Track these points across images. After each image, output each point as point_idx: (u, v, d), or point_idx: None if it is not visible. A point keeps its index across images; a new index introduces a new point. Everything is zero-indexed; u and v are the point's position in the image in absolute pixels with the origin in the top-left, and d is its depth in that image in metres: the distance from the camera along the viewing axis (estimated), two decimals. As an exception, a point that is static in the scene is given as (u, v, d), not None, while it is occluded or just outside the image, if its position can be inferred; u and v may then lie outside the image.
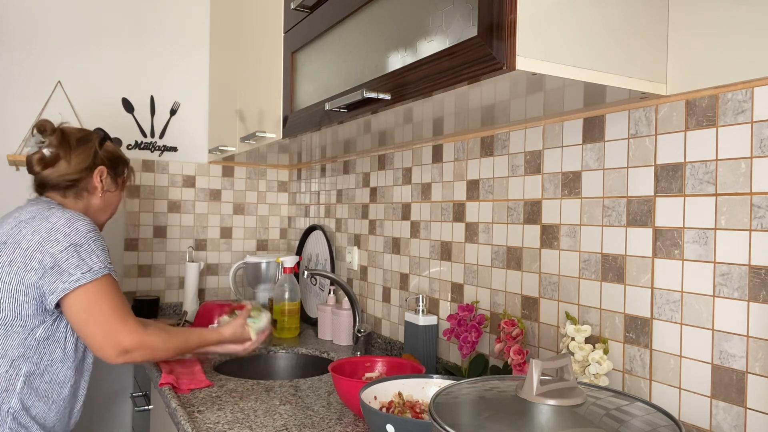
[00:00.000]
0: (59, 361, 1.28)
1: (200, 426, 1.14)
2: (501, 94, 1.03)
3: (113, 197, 1.49)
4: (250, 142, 1.77)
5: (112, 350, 1.24)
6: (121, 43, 2.30)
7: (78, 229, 1.25)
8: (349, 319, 1.87)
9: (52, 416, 1.29)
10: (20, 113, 2.15)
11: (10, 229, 1.26)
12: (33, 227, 1.24)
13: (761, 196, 0.87)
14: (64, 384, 1.30)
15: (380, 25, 1.14)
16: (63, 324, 1.28)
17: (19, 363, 1.23)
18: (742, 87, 0.90)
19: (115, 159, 1.49)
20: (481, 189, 1.43)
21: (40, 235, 1.23)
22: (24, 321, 1.23)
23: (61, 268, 1.21)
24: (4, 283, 1.22)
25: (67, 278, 1.21)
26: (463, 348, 1.34)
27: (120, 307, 1.27)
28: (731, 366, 0.90)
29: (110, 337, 1.24)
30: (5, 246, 1.24)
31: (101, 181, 1.43)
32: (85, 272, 1.22)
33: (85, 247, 1.24)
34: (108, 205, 1.48)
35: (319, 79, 1.41)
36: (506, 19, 0.83)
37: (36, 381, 1.25)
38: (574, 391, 0.70)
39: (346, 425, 1.16)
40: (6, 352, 1.22)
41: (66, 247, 1.22)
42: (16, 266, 1.22)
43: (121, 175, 1.52)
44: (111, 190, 1.48)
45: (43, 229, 1.23)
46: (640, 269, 1.04)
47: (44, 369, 1.26)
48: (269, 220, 2.61)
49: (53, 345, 1.27)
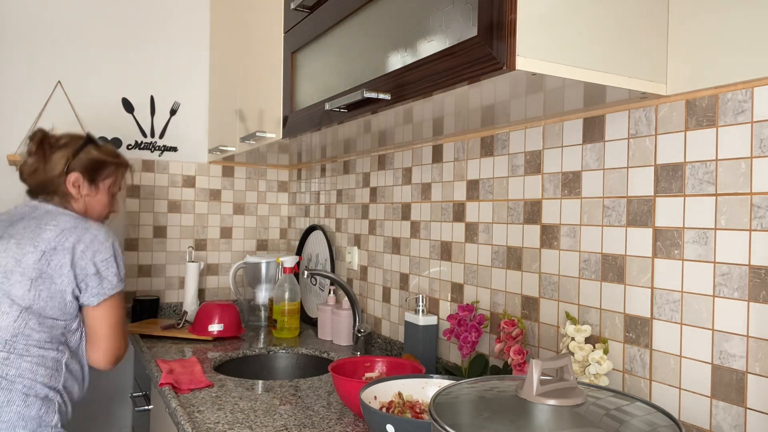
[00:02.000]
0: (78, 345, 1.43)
1: (200, 426, 1.14)
2: (501, 94, 1.03)
3: (94, 201, 1.54)
4: (250, 142, 1.77)
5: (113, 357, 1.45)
6: (121, 43, 2.30)
7: (113, 243, 1.43)
8: (349, 319, 1.87)
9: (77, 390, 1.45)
10: (20, 113, 2.15)
11: (54, 236, 1.37)
12: (77, 236, 1.38)
13: (761, 196, 0.87)
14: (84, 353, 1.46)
15: (380, 25, 1.14)
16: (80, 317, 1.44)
17: (63, 347, 1.39)
18: (742, 87, 0.90)
19: (93, 164, 1.52)
20: (481, 189, 1.43)
21: (84, 244, 1.38)
22: (66, 316, 1.38)
23: (102, 275, 1.39)
24: (55, 284, 1.35)
25: (107, 285, 1.40)
26: (463, 348, 1.34)
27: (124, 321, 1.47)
28: (731, 366, 0.90)
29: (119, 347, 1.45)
30: (55, 252, 1.36)
31: (74, 187, 1.49)
32: (119, 282, 1.43)
33: (117, 259, 1.43)
34: (91, 210, 1.54)
35: (319, 79, 1.41)
36: (506, 19, 0.83)
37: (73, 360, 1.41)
38: (574, 391, 0.70)
39: (346, 425, 1.16)
40: (52, 339, 1.36)
41: (107, 257, 1.40)
42: (66, 270, 1.36)
43: (104, 179, 1.55)
44: (92, 195, 1.53)
45: (87, 239, 1.39)
46: (640, 269, 1.04)
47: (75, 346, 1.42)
48: (269, 220, 2.61)
49: (78, 332, 1.43)
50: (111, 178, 1.57)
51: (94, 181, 1.53)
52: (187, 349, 1.76)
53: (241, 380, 1.45)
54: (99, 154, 1.54)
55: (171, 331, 1.95)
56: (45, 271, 1.34)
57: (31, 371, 1.32)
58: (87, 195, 1.52)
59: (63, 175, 1.48)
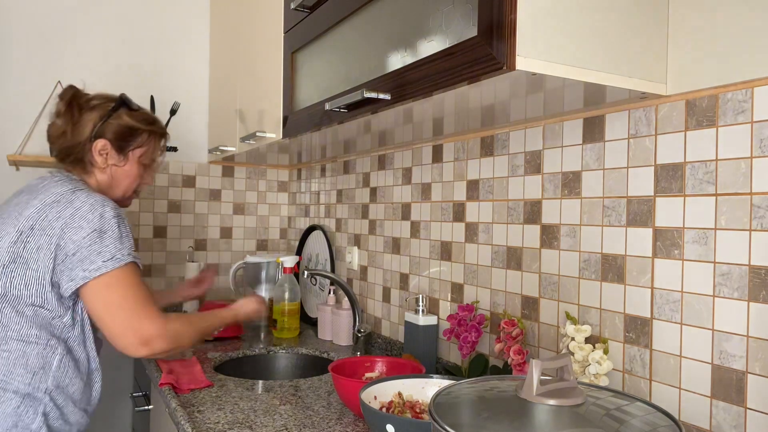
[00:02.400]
0: (82, 342, 1.27)
1: (200, 426, 1.14)
2: (501, 94, 1.03)
3: (122, 173, 1.38)
4: (250, 142, 1.77)
5: (132, 339, 1.19)
6: (121, 42, 2.30)
7: (102, 214, 1.21)
8: (349, 319, 1.87)
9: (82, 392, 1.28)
10: (20, 113, 2.15)
11: (34, 213, 1.21)
12: (57, 212, 1.20)
13: (761, 196, 0.87)
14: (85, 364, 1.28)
15: (380, 25, 1.14)
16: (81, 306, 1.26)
17: (55, 343, 1.22)
18: (742, 87, 0.90)
19: (123, 130, 1.37)
20: (481, 189, 1.43)
21: (63, 220, 1.19)
22: (51, 307, 1.21)
23: (82, 255, 1.18)
24: (33, 271, 1.19)
25: (89, 266, 1.17)
26: (463, 348, 1.34)
27: (142, 296, 1.22)
28: (731, 366, 0.90)
29: (132, 326, 1.19)
30: (32, 232, 1.19)
31: (100, 155, 1.34)
32: (107, 260, 1.18)
33: (108, 234, 1.20)
34: (117, 182, 1.38)
35: (319, 79, 1.41)
36: (506, 18, 0.83)
37: (70, 360, 1.24)
38: (574, 391, 0.70)
39: (346, 425, 1.16)
40: (39, 332, 1.20)
41: (88, 234, 1.18)
42: (42, 253, 1.18)
43: (134, 148, 1.39)
44: (119, 165, 1.37)
45: (67, 214, 1.19)
46: (640, 269, 1.04)
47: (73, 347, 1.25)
48: (269, 220, 2.61)
49: (77, 328, 1.25)
50: (143, 147, 1.40)
51: (123, 150, 1.37)
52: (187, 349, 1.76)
53: (241, 380, 1.45)
54: (131, 120, 1.38)
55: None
56: (20, 254, 1.19)
57: (6, 366, 1.17)
58: (114, 165, 1.36)
59: (89, 141, 1.33)
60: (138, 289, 1.22)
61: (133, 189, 1.43)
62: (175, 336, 1.24)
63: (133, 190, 1.43)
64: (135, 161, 1.39)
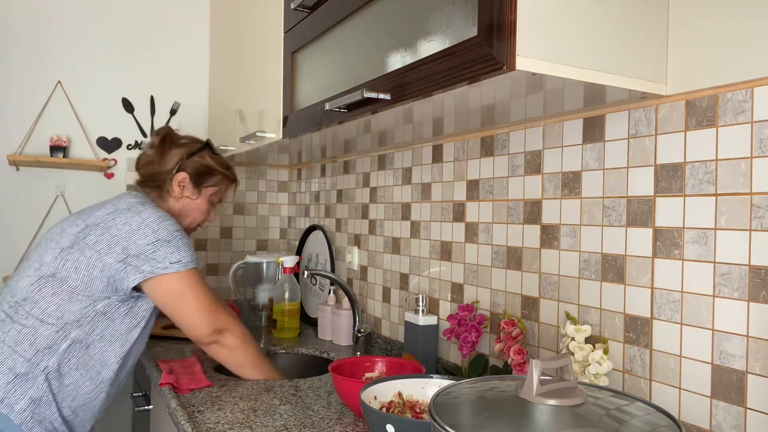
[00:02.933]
0: (108, 339, 1.34)
1: (200, 426, 1.14)
2: (501, 94, 1.03)
3: (193, 205, 1.54)
4: (250, 142, 1.77)
5: (207, 328, 1.36)
6: (121, 43, 2.30)
7: (167, 227, 1.35)
8: (349, 319, 1.87)
9: (84, 392, 1.33)
10: (20, 113, 2.15)
11: (105, 214, 1.35)
12: (126, 218, 1.34)
13: (761, 196, 0.87)
14: (107, 365, 1.36)
15: (380, 25, 1.14)
16: (125, 307, 1.35)
17: (71, 328, 1.30)
18: (742, 87, 0.90)
19: (203, 168, 1.54)
20: (481, 189, 1.43)
21: (130, 226, 1.33)
22: (91, 292, 1.31)
23: (148, 255, 1.31)
24: (85, 257, 1.30)
25: (156, 264, 1.31)
26: (463, 348, 1.34)
27: (212, 296, 1.39)
28: (731, 366, 0.90)
29: (206, 317, 1.36)
30: (96, 228, 1.33)
31: (179, 186, 1.51)
32: (173, 262, 1.33)
33: (173, 242, 1.35)
34: (187, 212, 1.54)
35: (319, 79, 1.41)
36: (506, 19, 0.83)
37: (81, 351, 1.31)
38: (574, 391, 0.70)
39: (346, 425, 1.16)
40: (63, 315, 1.29)
41: (153, 241, 1.33)
42: (99, 246, 1.31)
43: (207, 186, 1.56)
44: (192, 198, 1.53)
45: (135, 222, 1.33)
46: (640, 269, 1.04)
47: (91, 342, 1.32)
48: (269, 220, 2.61)
49: (107, 321, 1.34)
50: (215, 187, 1.57)
51: (198, 186, 1.54)
52: (187, 349, 1.76)
53: (241, 380, 1.45)
54: (211, 162, 1.55)
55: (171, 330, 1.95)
56: (79, 242, 1.31)
57: (14, 340, 1.26)
58: (188, 197, 1.53)
59: (172, 172, 1.50)
60: (208, 290, 1.40)
61: (198, 222, 1.59)
62: (244, 338, 1.42)
63: (197, 223, 1.59)
64: (206, 198, 1.57)
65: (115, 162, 2.28)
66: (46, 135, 2.17)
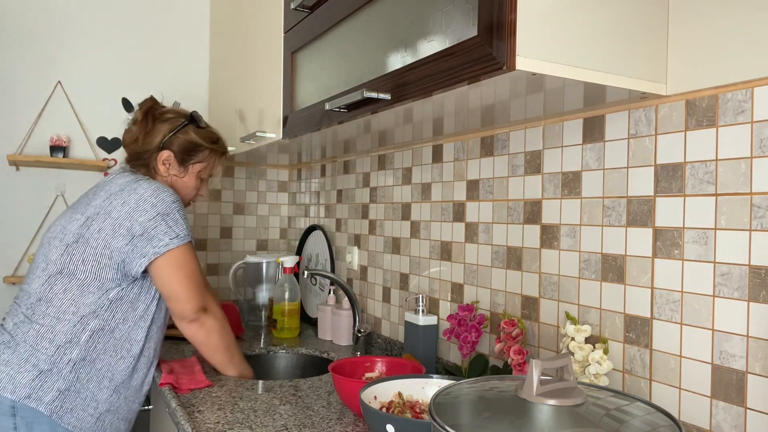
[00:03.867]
0: (130, 320, 1.36)
1: (200, 426, 1.14)
2: (501, 94, 1.03)
3: (181, 183, 1.51)
4: (250, 142, 1.77)
5: (195, 303, 1.37)
6: (121, 43, 2.30)
7: (164, 199, 1.35)
8: (349, 319, 1.87)
9: (122, 369, 1.36)
10: (20, 113, 2.15)
11: (101, 202, 1.35)
12: (123, 199, 1.34)
13: (761, 196, 0.87)
14: (135, 342, 1.37)
15: (380, 25, 1.14)
16: (137, 287, 1.37)
17: (88, 319, 1.31)
18: (742, 87, 0.90)
19: (188, 145, 1.49)
20: (481, 189, 1.43)
21: (129, 206, 1.32)
22: (101, 282, 1.32)
23: (150, 234, 1.32)
24: (91, 248, 1.31)
25: (157, 243, 1.32)
26: (463, 348, 1.34)
27: (200, 273, 1.41)
28: (731, 366, 0.90)
29: (195, 294, 1.37)
30: (97, 217, 1.33)
31: (164, 165, 1.47)
32: (173, 238, 1.34)
33: (171, 216, 1.35)
34: (176, 190, 1.50)
35: (319, 79, 1.41)
36: (506, 18, 0.83)
37: (105, 336, 1.33)
38: (574, 391, 0.70)
39: (346, 425, 1.16)
40: (78, 309, 1.30)
41: (153, 216, 1.33)
42: (104, 233, 1.31)
43: (195, 163, 1.51)
44: (179, 176, 1.50)
45: (132, 201, 1.33)
46: (640, 269, 1.04)
47: (114, 326, 1.34)
48: (269, 220, 2.61)
49: (125, 305, 1.35)
50: (203, 163, 1.53)
51: (184, 163, 1.50)
52: (187, 349, 1.76)
53: (241, 380, 1.45)
54: (196, 137, 1.50)
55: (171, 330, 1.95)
56: (83, 235, 1.32)
57: (35, 339, 1.28)
58: (174, 175, 1.49)
59: (157, 150, 1.47)
60: (198, 266, 1.41)
61: (190, 198, 1.56)
62: (224, 323, 1.45)
63: (189, 199, 1.56)
64: (194, 174, 1.53)
65: (115, 162, 2.28)
66: (46, 135, 2.17)
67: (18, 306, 1.36)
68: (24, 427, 1.24)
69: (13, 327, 1.32)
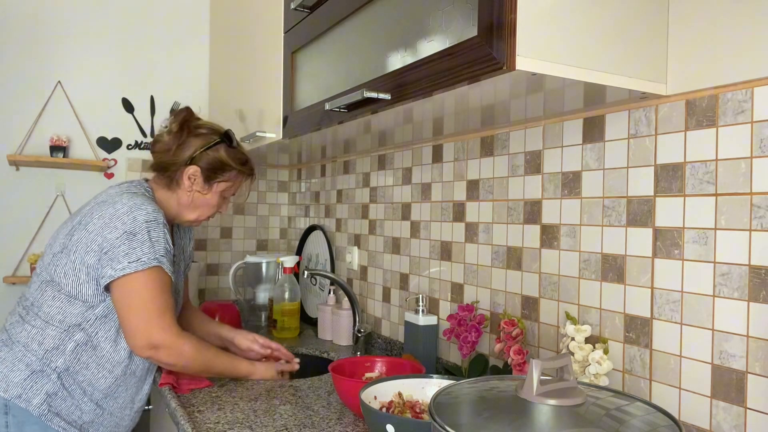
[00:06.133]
0: (113, 340, 1.32)
1: (200, 426, 1.14)
2: (501, 94, 1.03)
3: (203, 200, 1.46)
4: (250, 142, 1.77)
5: (141, 341, 1.26)
6: (121, 43, 2.30)
7: (136, 218, 1.27)
8: (349, 319, 1.87)
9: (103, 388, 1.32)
10: (20, 113, 2.15)
11: (87, 210, 1.33)
12: (101, 212, 1.29)
13: (761, 196, 0.87)
14: (118, 363, 1.32)
15: (380, 25, 1.14)
16: None
17: (74, 331, 1.29)
18: (742, 87, 0.90)
19: (216, 164, 1.44)
20: (481, 189, 1.43)
21: (103, 220, 1.28)
22: (85, 298, 1.28)
23: (112, 254, 1.25)
24: (71, 262, 1.28)
25: (116, 265, 1.25)
26: (463, 348, 1.34)
27: (161, 302, 1.28)
28: (731, 366, 0.90)
29: (142, 328, 1.26)
30: (80, 226, 1.30)
31: (189, 180, 1.43)
32: (132, 261, 1.25)
33: (138, 237, 1.26)
34: (195, 206, 1.46)
35: (319, 79, 1.41)
36: (506, 18, 0.83)
37: (88, 351, 1.30)
38: (574, 391, 0.70)
39: (346, 425, 1.16)
40: (65, 318, 1.29)
41: (120, 235, 1.26)
42: (79, 247, 1.28)
43: (220, 181, 1.46)
44: (201, 192, 1.45)
45: (107, 215, 1.28)
46: (640, 269, 1.04)
47: (97, 343, 1.30)
48: (269, 220, 2.61)
49: (109, 323, 1.31)
50: (228, 183, 1.48)
51: (210, 181, 1.45)
52: (187, 349, 1.76)
53: (241, 380, 1.45)
54: (226, 156, 1.45)
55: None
56: (66, 245, 1.30)
57: (26, 340, 1.28)
58: (197, 191, 1.44)
59: (184, 164, 1.42)
60: (158, 295, 1.28)
61: (207, 216, 1.51)
62: (181, 355, 1.31)
63: (206, 216, 1.51)
64: (217, 193, 1.48)
65: (115, 162, 2.29)
66: (46, 135, 2.17)
67: (18, 306, 1.37)
68: (15, 426, 1.25)
69: (10, 326, 1.34)
